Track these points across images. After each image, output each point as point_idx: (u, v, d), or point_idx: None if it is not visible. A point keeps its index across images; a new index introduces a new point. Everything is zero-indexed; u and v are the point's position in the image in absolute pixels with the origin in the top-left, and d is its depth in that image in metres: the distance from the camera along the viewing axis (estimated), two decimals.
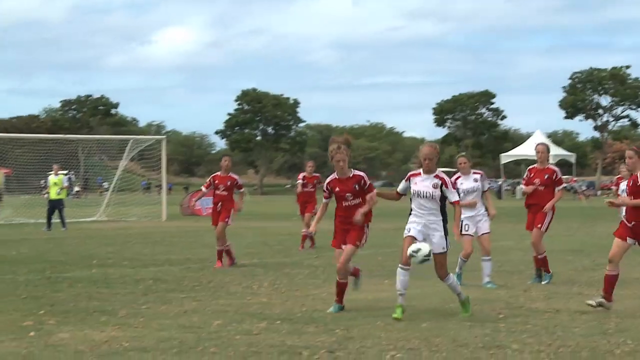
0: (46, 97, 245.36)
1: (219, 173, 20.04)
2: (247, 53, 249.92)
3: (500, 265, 18.15)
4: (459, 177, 15.93)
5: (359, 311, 12.43)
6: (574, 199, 78.67)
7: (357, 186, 12.55)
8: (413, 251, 11.73)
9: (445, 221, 12.14)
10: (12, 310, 12.67)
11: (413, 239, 11.95)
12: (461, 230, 15.20)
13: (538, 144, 16.95)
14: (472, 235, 15.83)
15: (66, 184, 36.07)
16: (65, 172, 51.42)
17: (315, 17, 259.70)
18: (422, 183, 12.13)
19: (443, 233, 12.06)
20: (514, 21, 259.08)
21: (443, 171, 12.24)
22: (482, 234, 15.82)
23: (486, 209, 15.99)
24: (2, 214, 42.57)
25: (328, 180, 12.75)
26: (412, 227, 12.13)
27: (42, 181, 47.70)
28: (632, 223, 12.46)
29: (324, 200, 12.79)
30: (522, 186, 17.20)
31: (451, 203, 12.16)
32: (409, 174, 12.39)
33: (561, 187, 16.56)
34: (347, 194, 12.56)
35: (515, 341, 10.29)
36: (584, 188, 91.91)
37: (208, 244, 25.32)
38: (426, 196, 12.08)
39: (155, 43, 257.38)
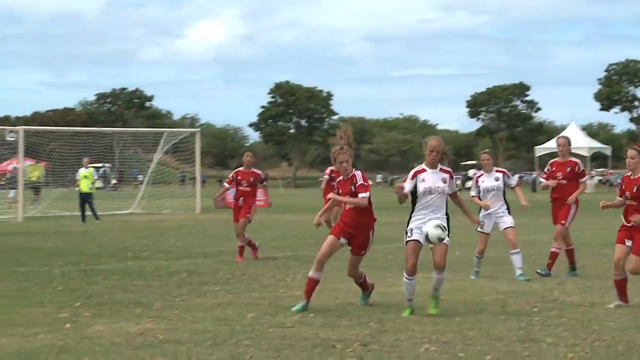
0: (82, 90, 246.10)
1: (241, 168, 19.86)
2: (280, 46, 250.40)
3: (534, 258, 18.06)
4: (482, 175, 15.96)
5: (392, 305, 12.41)
6: (609, 192, 78.10)
7: (352, 187, 12.10)
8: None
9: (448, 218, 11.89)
10: (47, 302, 12.78)
11: (418, 244, 11.68)
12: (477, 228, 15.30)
13: (559, 137, 16.92)
14: (487, 233, 15.81)
15: (95, 177, 36.28)
16: (100, 165, 51.76)
17: (349, 9, 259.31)
18: (431, 178, 11.75)
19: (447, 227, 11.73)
20: (548, 13, 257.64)
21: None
22: (506, 228, 15.74)
23: (508, 207, 15.87)
24: (39, 207, 42.91)
25: (337, 180, 12.45)
26: (416, 230, 11.71)
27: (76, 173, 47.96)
28: (631, 224, 12.38)
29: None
30: (541, 180, 16.92)
31: (451, 195, 11.96)
32: (413, 172, 11.88)
33: (584, 179, 16.48)
34: (347, 196, 12.19)
35: (549, 335, 10.25)
36: (619, 181, 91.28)
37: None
38: (438, 192, 11.72)
39: (189, 36, 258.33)
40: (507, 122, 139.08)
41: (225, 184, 20.34)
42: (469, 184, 53.67)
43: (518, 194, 16.10)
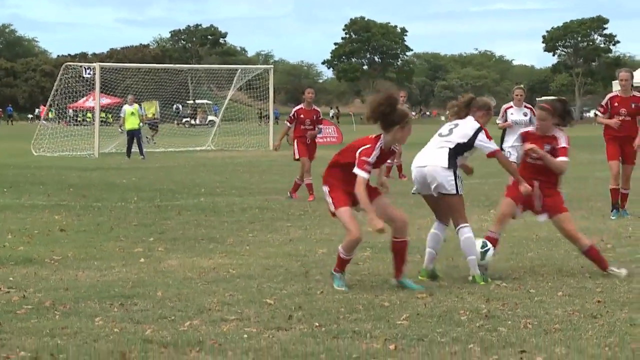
0: (159, 27, 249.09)
1: (302, 106, 19.15)
2: None
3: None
4: (510, 107, 16.16)
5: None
6: None
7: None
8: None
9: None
10: (122, 237, 12.98)
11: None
12: None
13: (621, 71, 15.57)
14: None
15: (142, 113, 36.73)
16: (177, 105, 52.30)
17: None
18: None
19: None
20: None
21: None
22: None
23: None
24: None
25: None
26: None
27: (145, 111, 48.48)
28: None
29: None
30: (598, 114, 15.49)
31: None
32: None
33: None
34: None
35: None
36: None
37: (314, 173, 25.42)
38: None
39: None
40: (584, 57, 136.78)
41: (287, 123, 19.57)
42: None
43: None
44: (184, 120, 74.86)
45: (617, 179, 15.36)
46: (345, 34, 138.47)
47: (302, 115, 19.06)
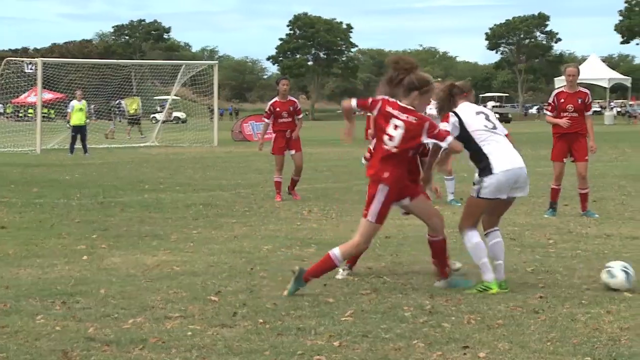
0: (102, 22, 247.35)
1: (277, 99, 17.99)
2: None
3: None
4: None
5: (409, 236, 12.42)
6: (628, 124, 77.71)
7: None
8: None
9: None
10: (65, 234, 12.85)
11: None
12: None
13: (569, 66, 15.27)
14: None
15: (88, 110, 36.68)
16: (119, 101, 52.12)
17: None
18: None
19: None
20: None
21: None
22: None
23: None
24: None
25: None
26: None
27: (93, 106, 48.33)
28: None
29: None
30: (547, 113, 15.27)
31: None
32: None
33: (590, 112, 15.11)
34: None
35: (564, 266, 10.25)
36: (638, 112, 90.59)
37: (259, 169, 25.44)
38: None
39: None
40: (526, 54, 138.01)
41: (265, 120, 18.48)
42: None
43: None
44: (151, 116, 74.20)
45: (559, 179, 15.21)
46: (290, 30, 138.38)
47: (278, 109, 17.93)
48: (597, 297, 8.60)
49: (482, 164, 8.93)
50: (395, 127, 8.69)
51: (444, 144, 8.74)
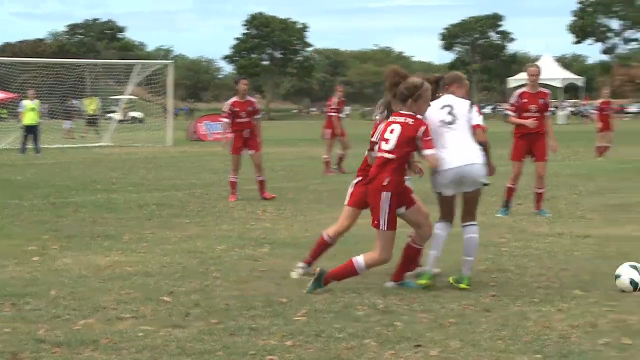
0: (56, 21, 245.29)
1: (236, 99, 17.81)
2: None
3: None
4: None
5: (364, 235, 12.41)
6: (581, 123, 78.42)
7: None
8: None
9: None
10: (16, 235, 12.74)
11: None
12: None
13: (531, 66, 15.30)
14: None
15: (40, 110, 36.42)
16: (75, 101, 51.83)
17: None
18: None
19: None
20: None
21: None
22: None
23: None
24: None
25: None
26: None
27: (46, 106, 47.98)
28: None
29: None
30: (509, 113, 15.16)
31: None
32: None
33: (549, 112, 15.13)
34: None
35: (516, 265, 10.33)
36: (591, 111, 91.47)
37: (213, 169, 25.38)
38: None
39: None
40: (481, 54, 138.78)
41: (224, 120, 18.16)
42: None
43: None
44: (107, 115, 73.71)
45: (517, 179, 15.25)
46: (247, 29, 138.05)
47: (236, 108, 17.74)
48: (549, 296, 8.67)
49: None
50: (392, 130, 8.89)
51: (424, 152, 8.91)
